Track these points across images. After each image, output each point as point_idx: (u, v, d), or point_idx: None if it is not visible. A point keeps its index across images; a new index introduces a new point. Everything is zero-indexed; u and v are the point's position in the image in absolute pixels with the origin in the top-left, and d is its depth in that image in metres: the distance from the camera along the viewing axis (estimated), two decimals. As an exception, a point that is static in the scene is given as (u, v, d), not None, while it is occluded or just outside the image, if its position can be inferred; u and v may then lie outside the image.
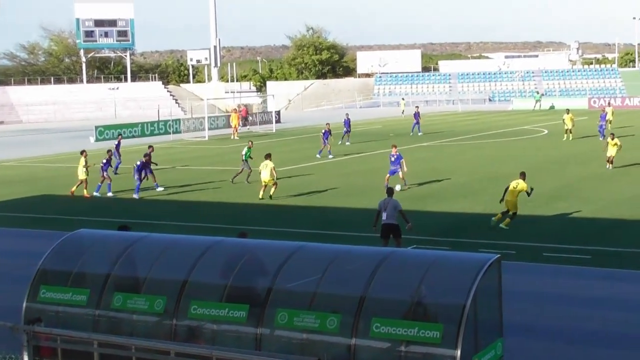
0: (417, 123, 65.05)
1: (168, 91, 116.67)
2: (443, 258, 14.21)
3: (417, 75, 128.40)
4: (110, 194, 36.51)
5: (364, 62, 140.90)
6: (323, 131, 50.31)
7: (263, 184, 33.72)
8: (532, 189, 27.51)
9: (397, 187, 33.99)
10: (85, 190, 36.22)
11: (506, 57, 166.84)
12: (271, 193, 33.70)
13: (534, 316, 17.84)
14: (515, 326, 16.27)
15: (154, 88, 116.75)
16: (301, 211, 31.70)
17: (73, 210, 33.16)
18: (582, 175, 38.45)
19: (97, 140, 67.25)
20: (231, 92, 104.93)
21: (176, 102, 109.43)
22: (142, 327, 13.77)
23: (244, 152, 38.96)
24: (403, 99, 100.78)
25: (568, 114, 56.62)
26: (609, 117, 60.01)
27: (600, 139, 53.32)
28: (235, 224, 27.52)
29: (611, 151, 40.15)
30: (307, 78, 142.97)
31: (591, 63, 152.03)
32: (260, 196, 33.58)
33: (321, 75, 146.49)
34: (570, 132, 56.21)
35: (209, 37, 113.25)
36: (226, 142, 64.62)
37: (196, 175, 42.76)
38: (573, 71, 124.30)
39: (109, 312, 13.98)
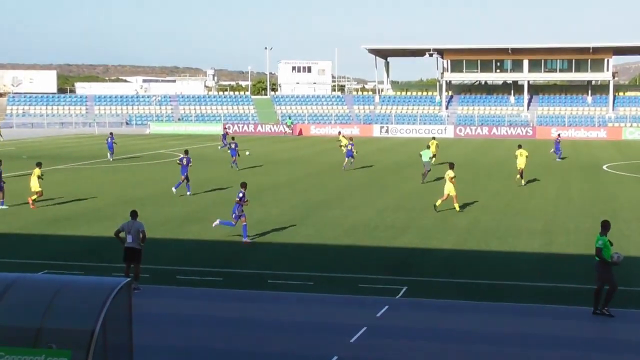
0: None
1: None
2: (73, 282, 13.99)
3: (52, 97, 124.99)
4: None
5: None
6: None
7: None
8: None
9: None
10: None
11: (144, 80, 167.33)
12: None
13: (166, 338, 18.01)
14: (148, 348, 16.35)
15: None
16: None
17: None
18: (216, 199, 39.47)
19: None
20: None
21: None
22: None
23: None
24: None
25: (434, 139, 59.36)
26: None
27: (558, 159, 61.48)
28: None
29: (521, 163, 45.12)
30: None
31: (226, 90, 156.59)
32: None
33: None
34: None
35: None
36: None
37: None
38: (209, 97, 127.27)
39: None
